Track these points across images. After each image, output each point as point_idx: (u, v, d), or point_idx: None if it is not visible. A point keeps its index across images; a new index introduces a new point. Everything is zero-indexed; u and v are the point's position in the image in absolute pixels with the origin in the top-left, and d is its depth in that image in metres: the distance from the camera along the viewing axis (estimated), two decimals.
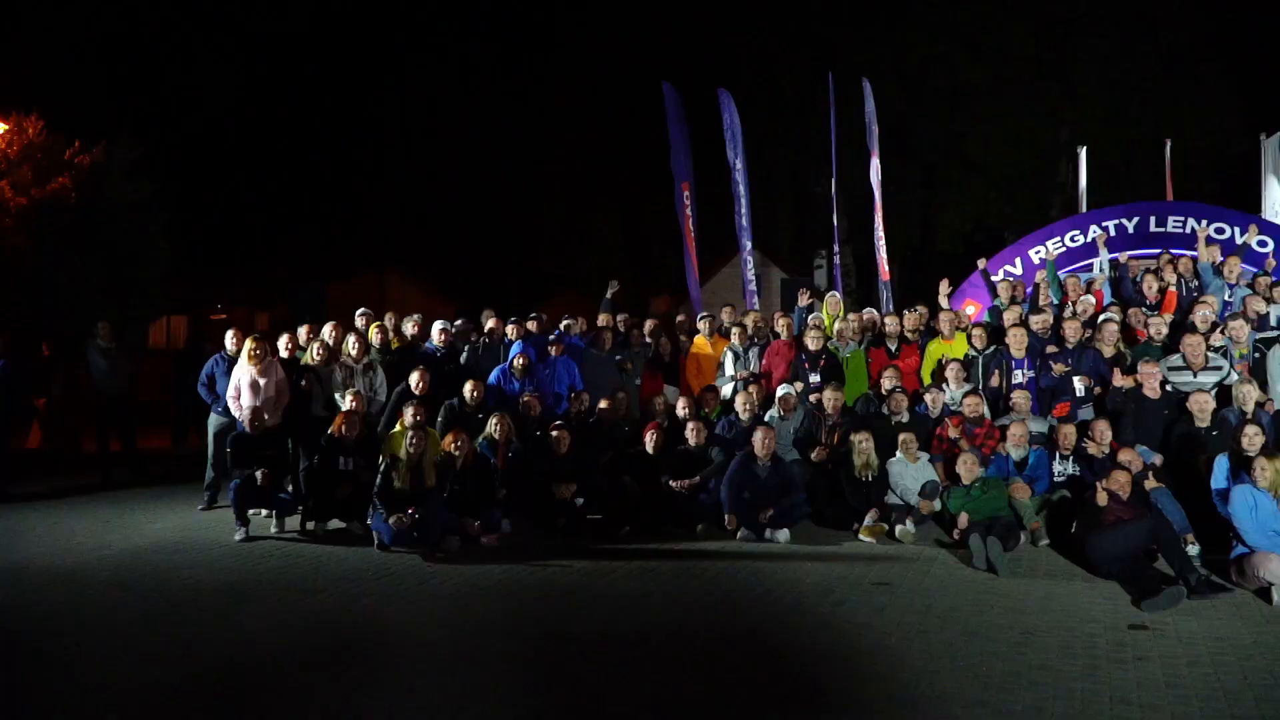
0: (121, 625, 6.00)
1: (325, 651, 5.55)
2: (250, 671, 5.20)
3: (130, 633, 5.85)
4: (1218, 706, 4.52)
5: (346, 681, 5.01)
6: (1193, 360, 8.75)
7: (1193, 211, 12.86)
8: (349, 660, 5.41)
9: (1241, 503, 6.48)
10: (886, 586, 6.69)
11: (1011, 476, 8.24)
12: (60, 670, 5.21)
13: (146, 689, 4.89)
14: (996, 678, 4.93)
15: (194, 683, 5.01)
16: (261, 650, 5.55)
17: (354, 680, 5.02)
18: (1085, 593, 6.46)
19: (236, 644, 5.65)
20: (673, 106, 13.66)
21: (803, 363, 9.98)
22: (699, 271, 14.03)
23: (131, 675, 5.09)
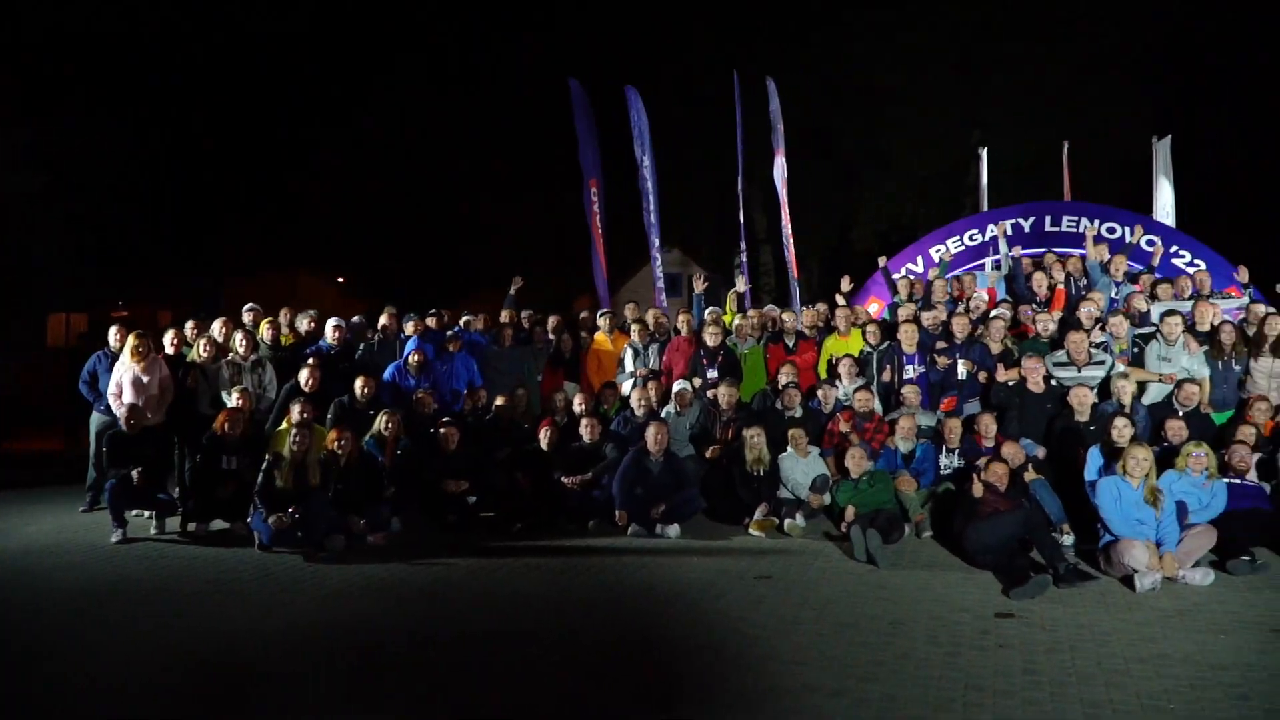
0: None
1: (187, 654, 5.38)
2: (105, 677, 5.01)
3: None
4: (1068, 692, 4.60)
5: (208, 685, 4.88)
6: (1076, 356, 8.97)
7: (1086, 211, 13.19)
8: (212, 662, 5.26)
9: (1107, 493, 6.65)
10: (768, 580, 6.71)
11: (898, 470, 8.36)
12: None
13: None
14: (861, 667, 4.97)
15: (47, 690, 4.82)
16: (120, 655, 5.36)
17: (216, 683, 4.88)
18: (960, 583, 6.55)
19: (97, 648, 5.45)
20: (579, 102, 13.59)
21: (701, 359, 10.00)
22: (611, 269, 13.95)
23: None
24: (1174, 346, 8.90)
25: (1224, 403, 8.86)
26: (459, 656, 5.31)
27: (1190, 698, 4.50)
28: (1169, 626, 5.55)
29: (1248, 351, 8.93)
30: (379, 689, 4.84)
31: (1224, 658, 5.00)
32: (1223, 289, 11.72)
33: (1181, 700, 4.47)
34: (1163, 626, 5.55)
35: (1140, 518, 6.53)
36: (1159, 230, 12.87)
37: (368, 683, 4.94)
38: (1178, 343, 8.89)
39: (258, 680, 4.99)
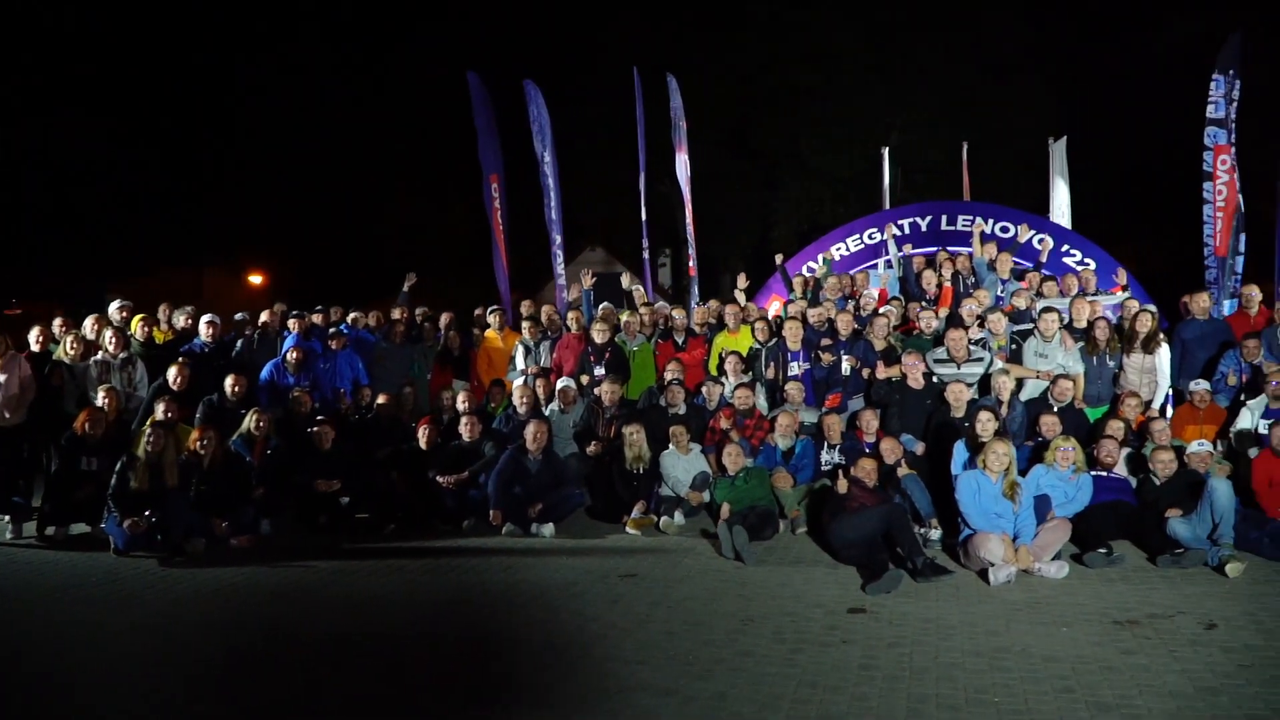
0: None
1: (25, 659, 5.18)
2: None
3: None
4: (899, 686, 4.59)
5: (40, 690, 4.68)
6: (955, 353, 9.04)
7: (981, 211, 13.35)
8: (47, 667, 5.07)
9: (966, 487, 6.69)
10: (632, 578, 6.63)
11: (777, 466, 8.34)
12: None
13: None
14: (699, 666, 4.92)
15: None
16: None
17: (48, 687, 4.69)
18: (822, 579, 6.53)
19: None
20: (479, 97, 13.39)
21: (588, 356, 9.89)
22: (540, 266, 13.72)
23: None
24: (1050, 343, 9.01)
25: (1099, 398, 8.99)
26: (298, 660, 5.17)
27: (1017, 690, 4.51)
28: (1014, 620, 5.58)
29: (1121, 348, 9.07)
30: (210, 693, 4.68)
31: (1059, 650, 5.03)
32: (1109, 287, 11.96)
33: (1008, 693, 4.48)
34: (1008, 620, 5.58)
35: (998, 511, 6.58)
36: (1050, 229, 13.08)
37: (200, 687, 4.77)
38: (1054, 339, 9.00)
39: (88, 685, 4.81)
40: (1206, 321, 9.57)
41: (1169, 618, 5.54)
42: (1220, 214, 12.43)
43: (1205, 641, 5.12)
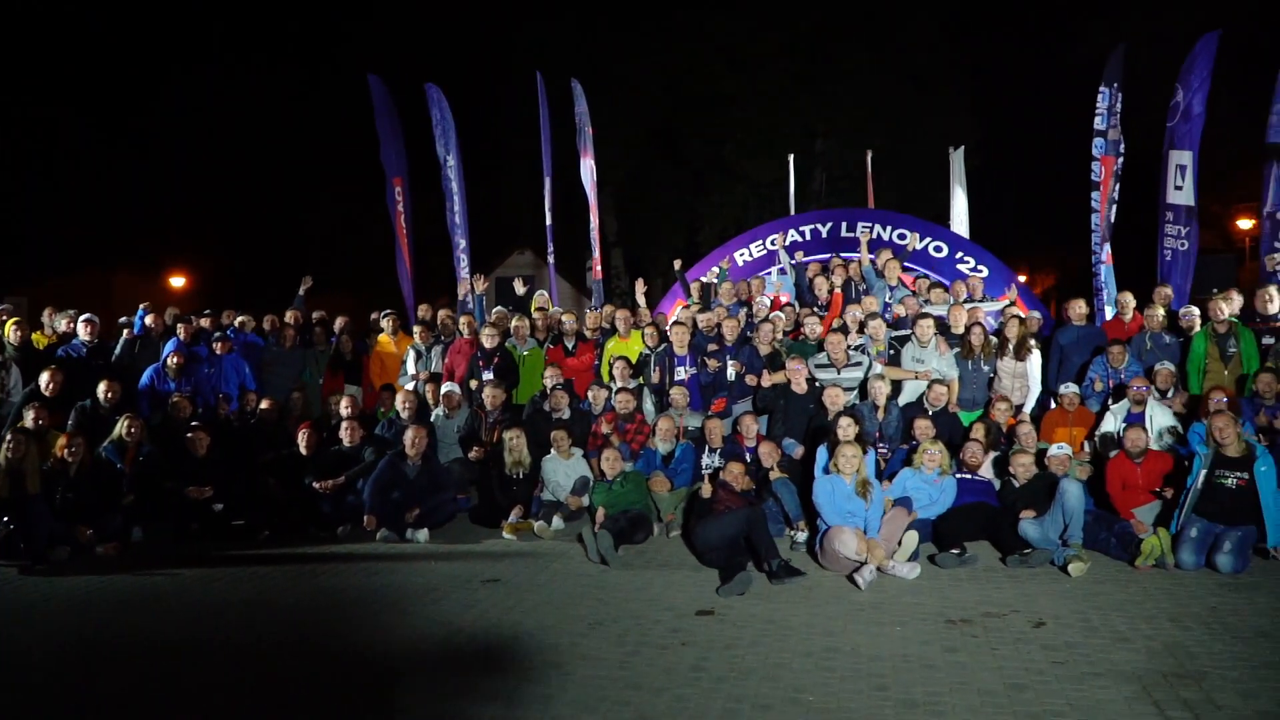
0: None
1: None
2: None
3: None
4: (722, 688, 4.65)
5: None
6: (835, 357, 9.20)
7: (880, 218, 13.59)
8: None
9: (822, 488, 6.83)
10: (495, 583, 6.65)
11: (655, 470, 8.41)
12: None
13: None
14: (536, 669, 4.96)
15: None
16: None
17: None
18: (681, 581, 6.61)
19: None
20: (380, 99, 13.31)
21: (477, 360, 9.89)
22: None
23: None
24: (926, 348, 9.22)
25: (973, 402, 9.21)
26: (133, 668, 5.10)
27: (834, 689, 4.61)
28: (855, 620, 5.70)
29: (995, 353, 9.31)
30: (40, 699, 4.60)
31: (887, 649, 5.15)
32: (999, 295, 12.25)
33: (824, 692, 4.58)
34: (848, 620, 5.70)
35: (851, 510, 6.74)
36: (945, 237, 13.35)
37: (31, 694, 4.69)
38: (930, 344, 9.21)
39: None
40: (1083, 327, 9.87)
41: (1002, 616, 5.71)
42: (1107, 223, 12.79)
43: (1029, 639, 5.28)
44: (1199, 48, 11.80)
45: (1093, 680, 4.66)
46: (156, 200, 26.28)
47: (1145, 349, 9.42)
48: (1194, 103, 11.81)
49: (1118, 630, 5.40)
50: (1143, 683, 4.60)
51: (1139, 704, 4.36)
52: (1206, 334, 9.10)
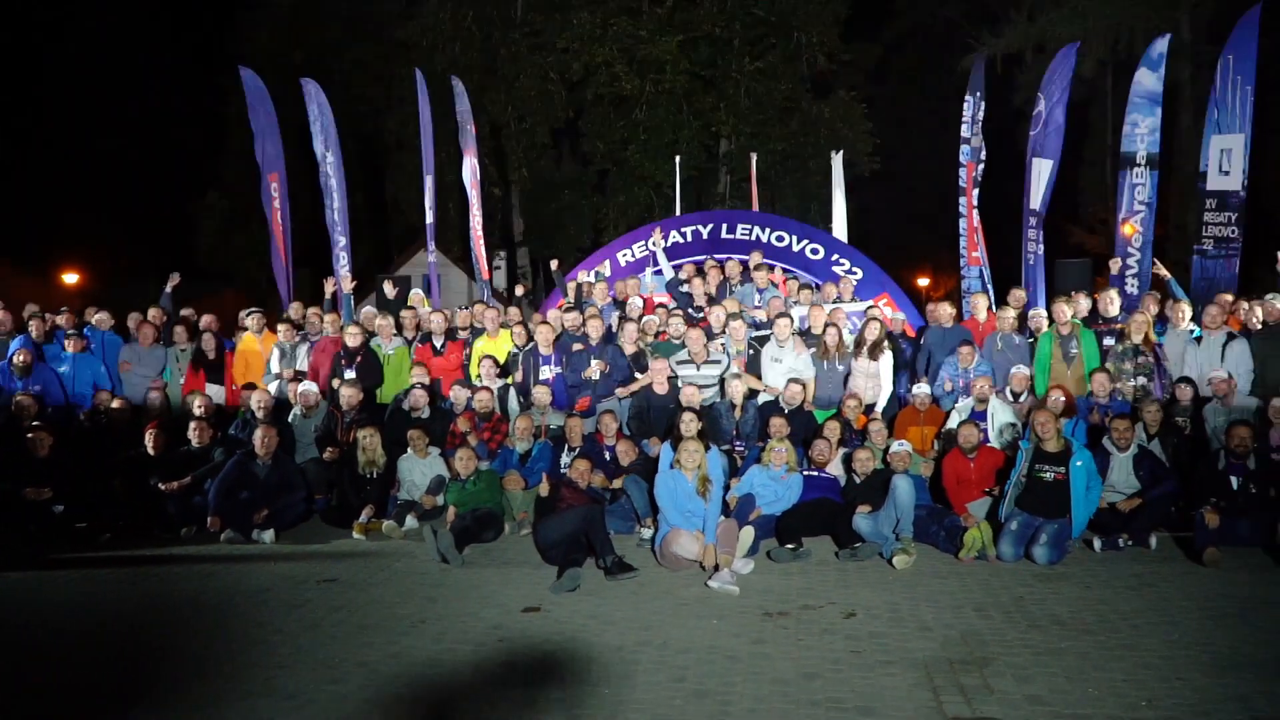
0: None
1: None
2: None
3: None
4: (521, 683, 4.71)
5: None
6: (695, 354, 9.33)
7: (759, 220, 13.84)
8: None
9: (664, 483, 6.92)
10: (331, 583, 6.60)
11: (510, 469, 8.43)
12: None
13: None
14: (342, 669, 4.94)
15: None
16: None
17: None
18: (519, 579, 6.63)
19: None
20: (254, 94, 13.08)
21: (340, 359, 9.79)
22: (373, 264, 13.45)
23: None
24: (784, 347, 9.40)
25: (829, 401, 9.41)
26: None
27: (635, 682, 4.68)
28: (677, 614, 5.80)
29: (851, 353, 9.53)
30: None
31: (698, 642, 5.25)
32: (873, 296, 12.55)
33: (624, 684, 4.65)
34: (671, 614, 5.79)
35: (691, 508, 6.83)
36: (822, 239, 13.63)
37: None
38: (788, 343, 9.39)
39: None
40: (946, 328, 10.13)
41: (818, 608, 5.86)
42: (974, 227, 13.20)
43: (836, 630, 5.43)
44: (1058, 59, 12.26)
45: (883, 669, 4.82)
46: (46, 196, 25.39)
47: (996, 349, 9.74)
48: (1055, 112, 12.25)
49: (923, 620, 5.59)
50: (928, 670, 4.78)
51: (919, 691, 4.53)
52: (1051, 335, 9.44)
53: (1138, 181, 11.83)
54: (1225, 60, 11.15)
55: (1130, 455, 7.49)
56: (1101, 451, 7.54)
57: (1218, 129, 11.23)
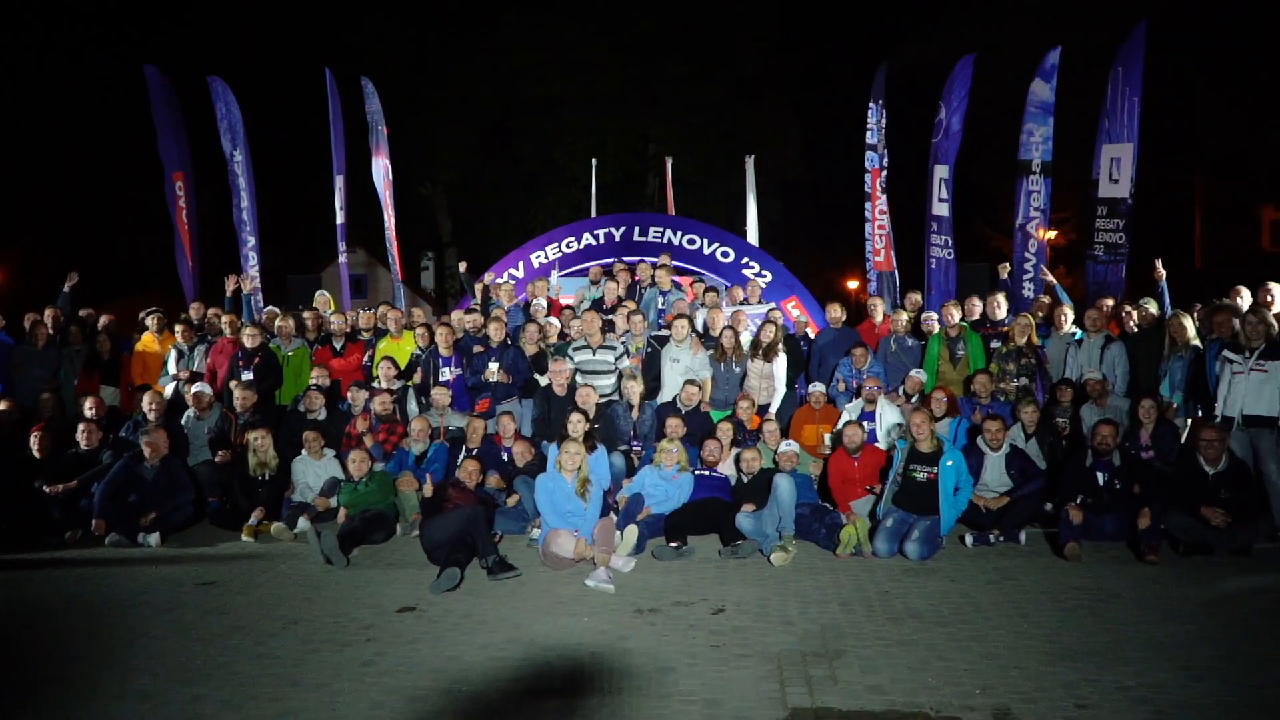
0: None
1: None
2: None
3: None
4: (381, 682, 4.73)
5: None
6: (589, 336, 9.47)
7: (671, 224, 14.00)
8: None
9: (543, 485, 7.00)
10: (210, 585, 6.57)
11: (405, 470, 8.44)
12: None
13: None
14: (201, 670, 4.93)
15: None
16: None
17: None
18: (402, 580, 6.65)
19: None
20: (157, 91, 12.89)
21: (238, 360, 9.71)
22: (294, 266, 13.22)
23: None
24: (681, 347, 9.54)
25: (726, 402, 9.57)
26: None
27: (494, 679, 4.75)
28: (551, 612, 5.88)
29: (747, 354, 9.70)
30: None
31: (564, 639, 5.34)
32: (782, 299, 12.77)
33: (484, 682, 4.71)
34: (545, 612, 5.87)
35: (570, 509, 6.92)
36: (733, 242, 13.82)
37: None
38: (685, 343, 9.54)
39: None
40: (837, 330, 10.38)
41: (690, 604, 5.98)
42: (880, 231, 13.49)
43: (701, 625, 5.56)
44: (958, 69, 12.58)
45: (738, 662, 4.95)
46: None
47: (891, 351, 9.99)
48: (953, 121, 12.57)
49: (787, 615, 5.74)
50: (780, 663, 4.92)
51: (766, 683, 4.66)
52: (939, 338, 9.71)
53: (1033, 189, 12.21)
54: (1115, 72, 11.53)
55: (1003, 455, 7.75)
56: (978, 451, 7.80)
57: (1108, 138, 11.61)
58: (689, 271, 13.41)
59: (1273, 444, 7.27)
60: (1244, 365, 7.34)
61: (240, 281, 11.43)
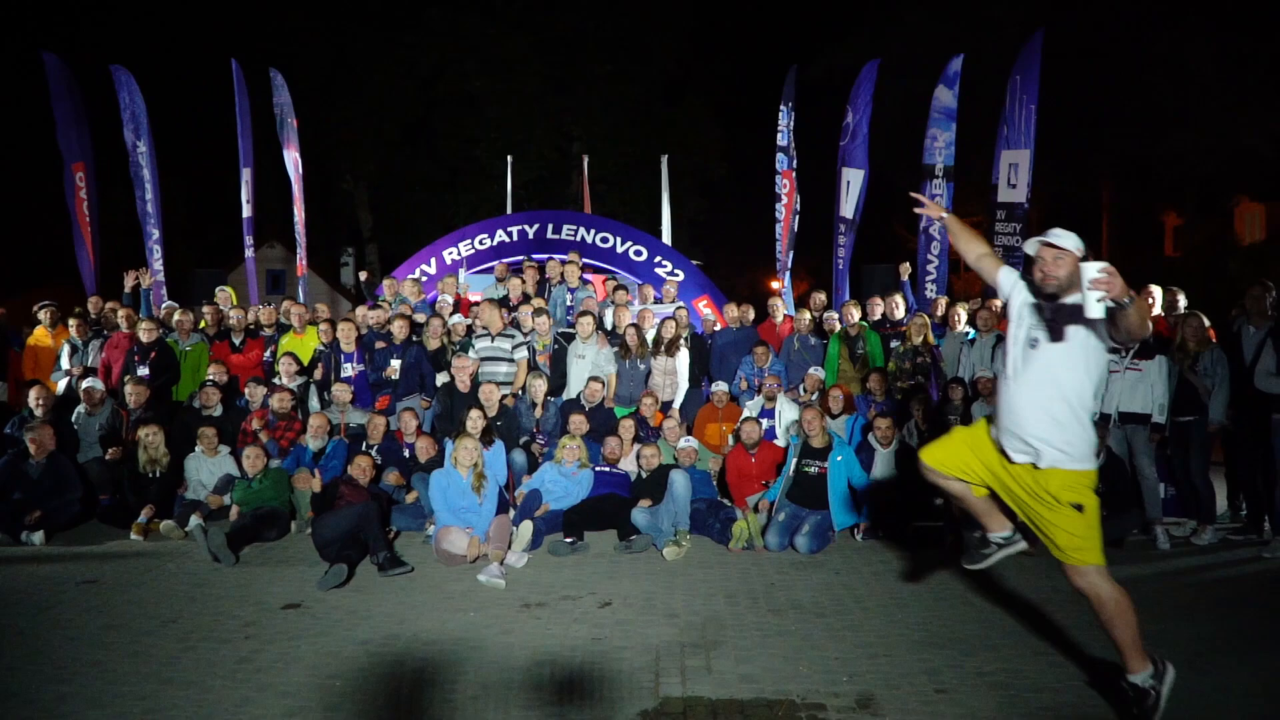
0: None
1: None
2: None
3: None
4: (256, 677, 4.70)
5: None
6: (490, 325, 9.50)
7: (584, 222, 14.04)
8: None
9: (436, 482, 7.00)
10: (91, 584, 6.43)
11: (301, 468, 8.35)
12: None
13: None
14: (73, 668, 4.83)
15: None
16: None
17: None
18: (290, 577, 6.59)
19: None
20: (57, 80, 12.53)
21: (133, 355, 9.50)
22: (207, 262, 12.92)
23: None
24: (587, 344, 9.58)
25: (630, 398, 9.65)
26: None
27: (370, 673, 4.74)
28: (437, 607, 5.88)
29: (651, 351, 9.79)
30: None
31: (446, 633, 5.35)
32: (694, 298, 12.89)
33: (359, 677, 4.70)
34: (431, 608, 5.87)
35: (464, 505, 6.93)
36: (646, 241, 13.91)
37: None
38: (590, 340, 9.59)
39: None
40: (738, 329, 10.52)
41: (578, 599, 6.03)
42: (788, 232, 13.70)
43: (585, 619, 5.61)
44: (863, 74, 12.84)
45: (617, 654, 5.01)
46: None
47: (794, 350, 10.16)
48: (861, 124, 12.83)
49: (671, 608, 5.82)
50: (658, 654, 4.99)
51: (642, 674, 4.73)
52: (839, 336, 9.91)
53: (936, 192, 12.52)
54: (1013, 80, 11.87)
55: (892, 451, 7.95)
56: (868, 447, 7.98)
57: (1007, 144, 11.95)
58: (602, 270, 13.48)
59: (1146, 440, 7.57)
60: (1120, 364, 7.63)
61: (140, 276, 11.16)
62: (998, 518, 4.46)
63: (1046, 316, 3.92)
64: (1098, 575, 3.98)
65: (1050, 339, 3.89)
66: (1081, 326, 3.80)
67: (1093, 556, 3.99)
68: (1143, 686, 3.99)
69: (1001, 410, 4.08)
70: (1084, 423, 3.93)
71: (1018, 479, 4.11)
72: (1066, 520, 3.98)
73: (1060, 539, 4.02)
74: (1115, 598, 3.95)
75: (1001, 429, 4.09)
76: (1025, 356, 3.97)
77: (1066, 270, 3.84)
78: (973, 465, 4.26)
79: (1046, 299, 3.93)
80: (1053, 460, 3.95)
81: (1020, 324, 4.05)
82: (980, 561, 4.55)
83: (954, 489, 4.39)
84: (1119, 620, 3.95)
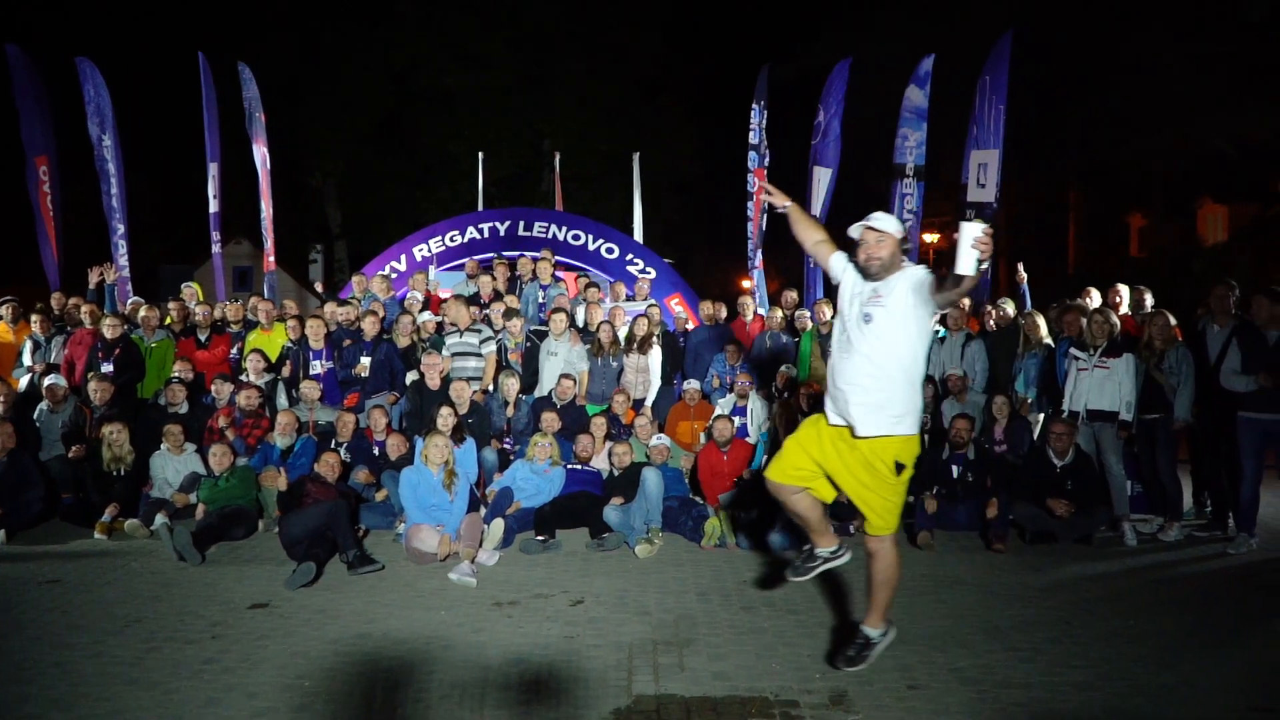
0: None
1: None
2: None
3: None
4: (223, 678, 4.64)
5: None
6: (458, 320, 9.47)
7: (556, 219, 14.00)
8: None
9: (407, 479, 6.95)
10: (54, 584, 6.32)
11: (269, 465, 8.25)
12: None
13: None
14: (33, 669, 4.76)
15: None
16: None
17: None
18: (257, 576, 6.51)
19: None
20: (21, 72, 12.31)
21: (97, 352, 9.35)
22: (174, 258, 12.75)
23: None
24: (559, 341, 9.55)
25: (602, 396, 9.61)
26: None
27: (337, 673, 4.70)
28: (408, 605, 5.83)
29: (623, 349, 9.77)
30: None
31: (418, 632, 5.31)
32: (665, 296, 12.88)
33: (327, 677, 4.65)
34: (402, 606, 5.82)
35: (435, 502, 6.87)
36: (618, 239, 13.89)
37: None
38: (563, 337, 9.55)
39: None
40: (711, 327, 10.52)
41: (550, 597, 6.01)
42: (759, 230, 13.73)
43: (558, 617, 5.58)
44: (835, 73, 12.88)
45: (590, 651, 4.99)
46: None
47: (766, 347, 10.18)
48: (832, 124, 12.87)
49: (644, 606, 5.81)
50: (631, 651, 4.98)
51: (615, 671, 4.71)
52: (812, 334, 9.93)
53: (906, 191, 12.59)
54: (983, 81, 11.96)
55: None
56: None
57: (976, 144, 12.02)
58: (574, 267, 13.44)
59: (1114, 437, 7.64)
60: (1089, 362, 7.70)
61: (105, 271, 10.98)
62: (828, 535, 4.75)
63: (879, 292, 4.17)
64: (892, 541, 4.47)
65: (885, 312, 4.12)
66: (911, 296, 4.05)
67: (895, 523, 4.45)
68: (872, 639, 4.51)
69: (840, 384, 4.29)
70: (916, 388, 4.23)
71: (847, 455, 4.34)
72: (889, 489, 4.32)
73: (879, 506, 4.36)
74: (896, 563, 4.49)
75: (840, 403, 4.30)
76: (861, 330, 4.20)
77: (888, 251, 4.18)
78: (805, 464, 4.48)
79: (870, 278, 4.23)
80: (887, 427, 4.19)
81: (853, 303, 4.30)
82: (804, 574, 4.81)
83: (798, 506, 4.59)
84: (890, 583, 4.50)
